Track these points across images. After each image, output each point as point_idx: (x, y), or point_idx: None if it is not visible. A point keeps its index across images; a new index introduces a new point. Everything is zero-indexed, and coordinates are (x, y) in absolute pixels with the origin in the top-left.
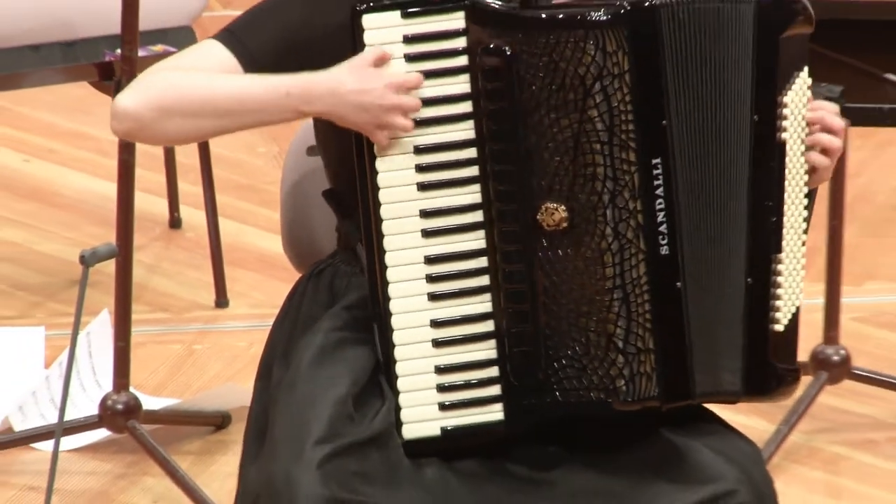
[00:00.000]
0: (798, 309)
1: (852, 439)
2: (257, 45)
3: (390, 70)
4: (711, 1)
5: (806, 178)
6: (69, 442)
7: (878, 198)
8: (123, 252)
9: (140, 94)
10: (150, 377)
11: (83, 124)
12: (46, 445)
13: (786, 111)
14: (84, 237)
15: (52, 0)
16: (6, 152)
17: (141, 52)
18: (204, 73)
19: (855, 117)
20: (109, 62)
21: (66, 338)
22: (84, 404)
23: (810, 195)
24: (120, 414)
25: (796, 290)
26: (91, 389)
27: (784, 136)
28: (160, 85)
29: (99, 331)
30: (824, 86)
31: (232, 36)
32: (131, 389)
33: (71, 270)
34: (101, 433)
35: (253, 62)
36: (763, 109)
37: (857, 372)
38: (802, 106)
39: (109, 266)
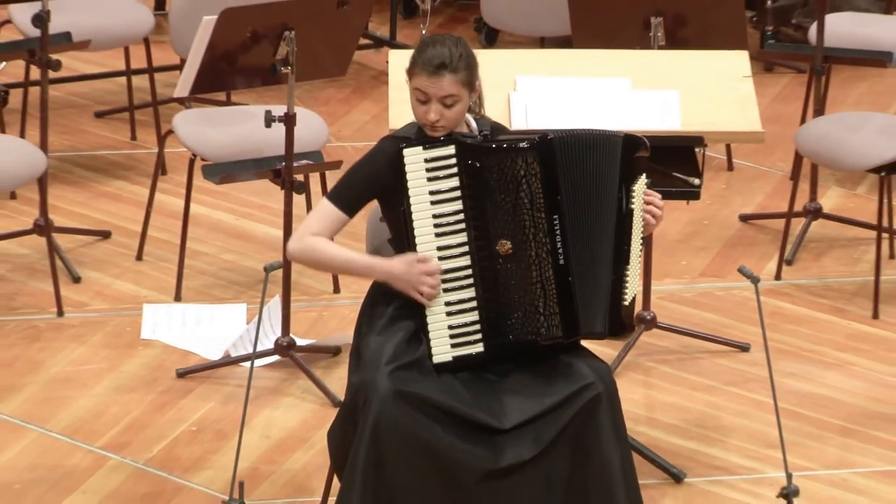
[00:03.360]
0: (636, 295)
1: (658, 359)
2: (350, 198)
3: (427, 262)
4: (592, 134)
5: (642, 228)
6: (258, 363)
7: (670, 236)
8: (286, 265)
9: (298, 250)
10: (300, 328)
11: (265, 201)
12: (247, 364)
13: (633, 194)
14: (266, 258)
15: (248, 138)
16: (226, 215)
17: (295, 164)
18: (330, 248)
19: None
20: (278, 169)
21: (256, 309)
22: (265, 343)
23: (645, 239)
24: (285, 347)
25: (635, 284)
26: (270, 335)
27: (632, 206)
28: (308, 249)
29: (274, 305)
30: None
31: (335, 194)
32: (290, 335)
33: (259, 274)
34: (275, 358)
35: (348, 207)
36: (623, 191)
37: (660, 324)
38: (642, 191)
39: (279, 272)
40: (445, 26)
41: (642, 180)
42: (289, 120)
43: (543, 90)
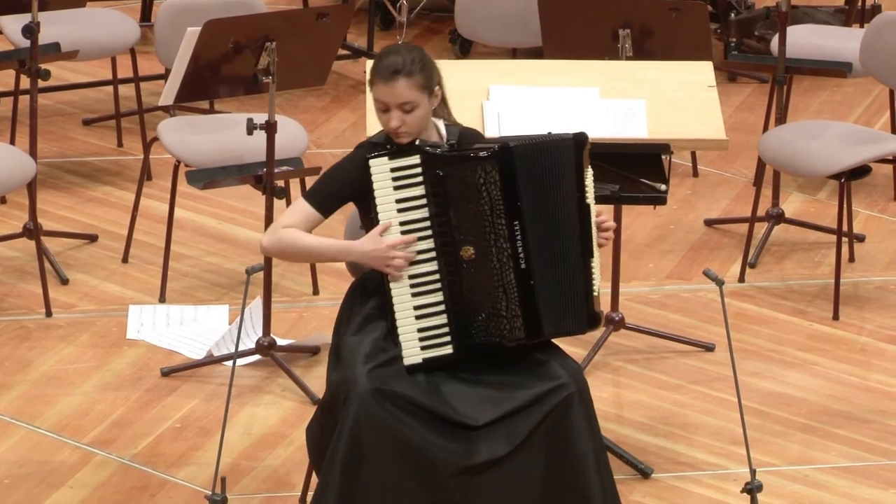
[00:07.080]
0: (599, 285)
1: (625, 358)
2: (324, 198)
3: (390, 233)
4: (547, 140)
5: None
6: (240, 362)
7: (637, 240)
8: (267, 268)
9: (271, 242)
10: (280, 329)
11: (248, 205)
12: (229, 363)
13: (587, 187)
14: (248, 260)
15: (231, 144)
16: (209, 219)
17: (276, 170)
18: (302, 236)
19: (626, 200)
20: (260, 175)
21: (238, 310)
22: (247, 343)
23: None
24: (266, 347)
25: (598, 274)
26: (251, 335)
27: (588, 200)
28: (281, 240)
29: (255, 306)
30: (610, 185)
31: (311, 194)
32: (271, 335)
33: (241, 276)
34: (256, 357)
35: (322, 206)
36: (580, 188)
37: (628, 325)
38: (592, 183)
39: (261, 275)
40: (421, 37)
41: (590, 173)
42: (270, 128)
43: (515, 99)
